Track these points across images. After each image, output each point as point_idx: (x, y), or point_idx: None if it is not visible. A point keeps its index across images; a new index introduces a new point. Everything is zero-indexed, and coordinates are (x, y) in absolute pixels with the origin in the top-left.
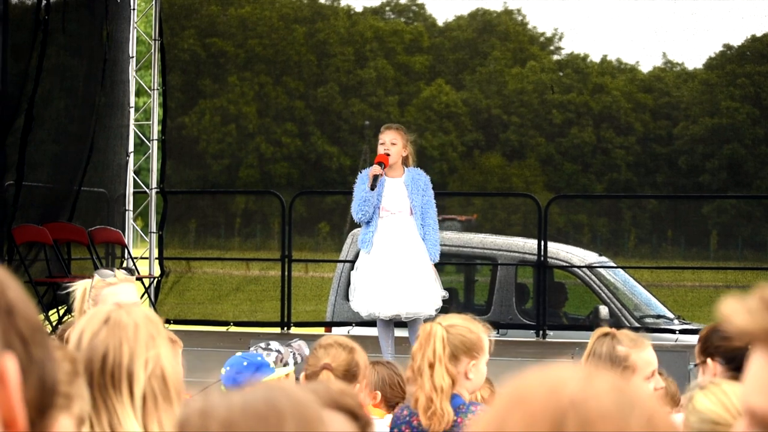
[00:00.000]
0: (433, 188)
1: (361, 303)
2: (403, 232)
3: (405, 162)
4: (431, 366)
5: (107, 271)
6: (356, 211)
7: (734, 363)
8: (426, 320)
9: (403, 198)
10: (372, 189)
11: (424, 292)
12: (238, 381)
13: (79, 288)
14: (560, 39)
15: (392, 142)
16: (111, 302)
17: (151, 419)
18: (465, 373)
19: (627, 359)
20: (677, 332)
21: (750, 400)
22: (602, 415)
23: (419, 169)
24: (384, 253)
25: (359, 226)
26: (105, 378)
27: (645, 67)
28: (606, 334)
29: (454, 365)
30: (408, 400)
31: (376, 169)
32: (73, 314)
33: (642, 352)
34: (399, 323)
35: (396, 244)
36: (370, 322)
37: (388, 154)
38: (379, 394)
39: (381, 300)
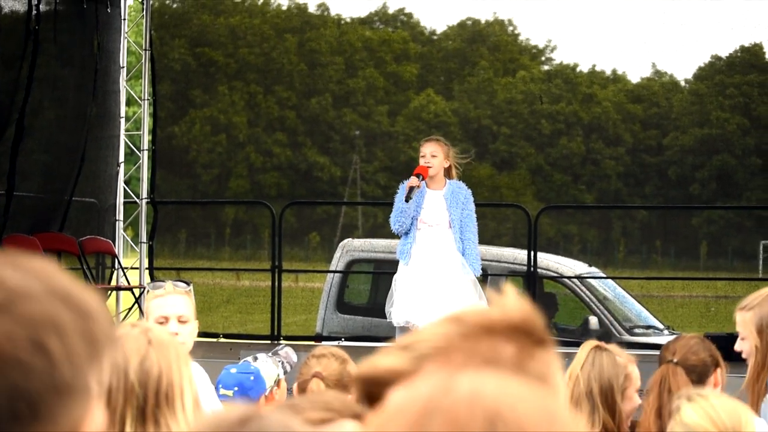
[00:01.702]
0: None
1: (400, 313)
2: (440, 246)
3: (448, 174)
4: None
5: (158, 283)
6: (393, 222)
7: (694, 374)
8: None
9: (442, 211)
10: (407, 200)
11: (459, 305)
12: (244, 391)
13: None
14: (552, 51)
15: (432, 154)
16: (157, 314)
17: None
18: None
19: (626, 369)
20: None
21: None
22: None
23: (461, 182)
24: (421, 264)
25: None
26: (159, 398)
27: (634, 78)
28: (599, 347)
29: None
30: None
31: (413, 180)
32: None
33: (635, 366)
34: None
35: (433, 257)
36: (361, 336)
37: (430, 166)
38: None
39: (419, 310)
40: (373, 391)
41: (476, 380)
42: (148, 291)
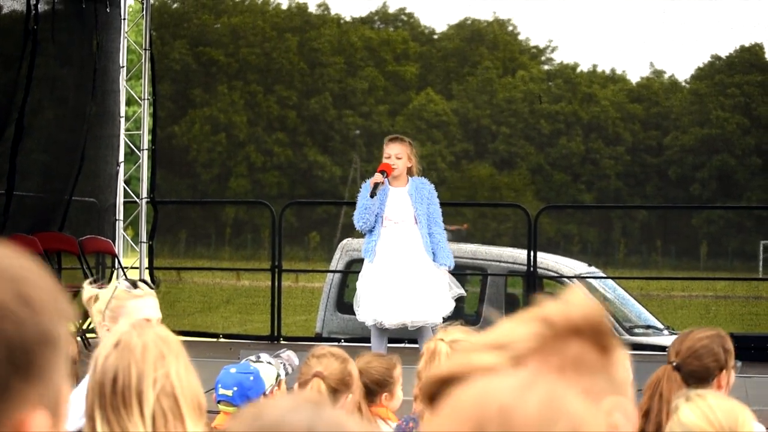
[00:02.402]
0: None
1: (367, 312)
2: (406, 241)
3: (409, 172)
4: None
5: (137, 283)
6: (357, 219)
7: (693, 378)
8: (433, 328)
9: (407, 207)
10: (372, 197)
11: (429, 300)
12: (245, 395)
13: (102, 296)
14: (552, 51)
15: (398, 156)
16: (136, 316)
17: None
18: None
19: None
20: (666, 348)
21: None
22: (525, 424)
23: (423, 178)
24: (387, 261)
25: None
26: (116, 399)
27: (634, 77)
28: None
29: None
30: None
31: (377, 177)
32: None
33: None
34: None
35: (399, 253)
36: (361, 336)
37: (395, 167)
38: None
39: (386, 308)
40: (439, 390)
41: (553, 390)
42: (118, 289)
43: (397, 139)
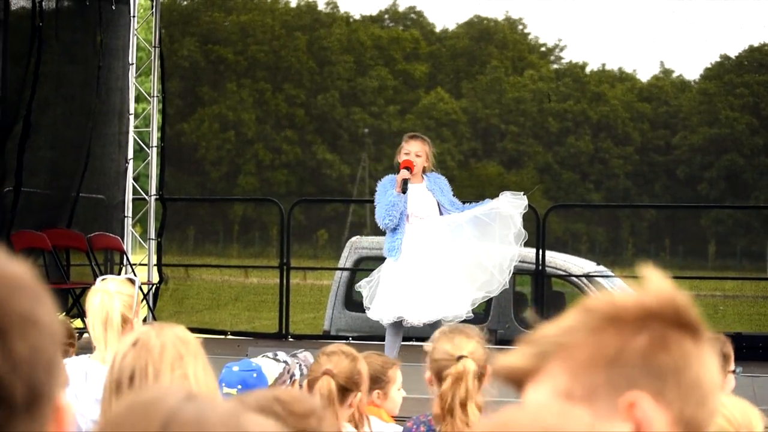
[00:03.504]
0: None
1: (387, 308)
2: (432, 236)
3: (423, 169)
4: (463, 405)
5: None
6: (383, 217)
7: None
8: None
9: (429, 202)
10: (403, 192)
11: (452, 296)
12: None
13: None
14: (561, 50)
15: (417, 154)
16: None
17: None
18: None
19: None
20: None
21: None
22: None
23: (435, 172)
24: (413, 258)
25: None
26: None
27: (643, 77)
28: None
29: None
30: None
31: (405, 173)
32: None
33: None
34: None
35: (426, 248)
36: (369, 334)
37: (415, 165)
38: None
39: (410, 305)
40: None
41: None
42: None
43: (417, 137)
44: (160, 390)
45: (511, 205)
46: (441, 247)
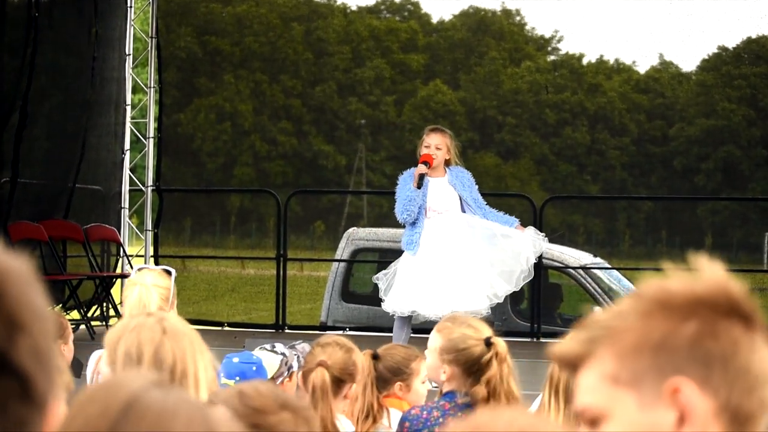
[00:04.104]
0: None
1: (402, 301)
2: (451, 231)
3: (446, 162)
4: (508, 385)
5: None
6: (401, 212)
7: None
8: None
9: (450, 196)
10: (419, 188)
11: (470, 291)
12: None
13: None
14: (558, 41)
15: (438, 147)
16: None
17: None
18: None
19: None
20: None
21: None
22: None
23: (460, 167)
24: (432, 252)
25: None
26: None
27: (640, 68)
28: None
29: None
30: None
31: (422, 168)
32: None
33: None
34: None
35: (444, 243)
36: (366, 326)
37: (435, 157)
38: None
39: (425, 299)
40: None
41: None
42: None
43: (438, 130)
44: (128, 375)
45: (531, 242)
46: (459, 243)
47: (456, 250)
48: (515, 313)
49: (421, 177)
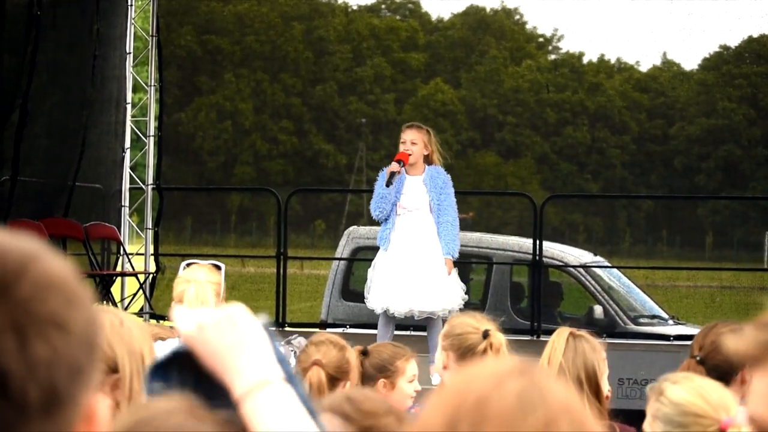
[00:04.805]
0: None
1: (376, 299)
2: (421, 230)
3: (428, 160)
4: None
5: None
6: (374, 209)
7: (715, 373)
8: (444, 318)
9: (422, 195)
10: (388, 186)
11: (439, 291)
12: None
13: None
14: (559, 40)
15: (413, 141)
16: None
17: None
18: None
19: (602, 354)
20: (671, 337)
21: (754, 410)
22: (498, 414)
23: (440, 167)
24: (401, 250)
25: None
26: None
27: (641, 67)
28: (574, 334)
29: None
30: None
31: (394, 166)
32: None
33: (604, 354)
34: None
35: (412, 242)
36: (366, 323)
37: (410, 153)
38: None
39: (395, 296)
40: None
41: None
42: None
43: (414, 126)
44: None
45: (449, 304)
46: (429, 242)
47: (423, 250)
48: (515, 311)
49: (392, 175)
